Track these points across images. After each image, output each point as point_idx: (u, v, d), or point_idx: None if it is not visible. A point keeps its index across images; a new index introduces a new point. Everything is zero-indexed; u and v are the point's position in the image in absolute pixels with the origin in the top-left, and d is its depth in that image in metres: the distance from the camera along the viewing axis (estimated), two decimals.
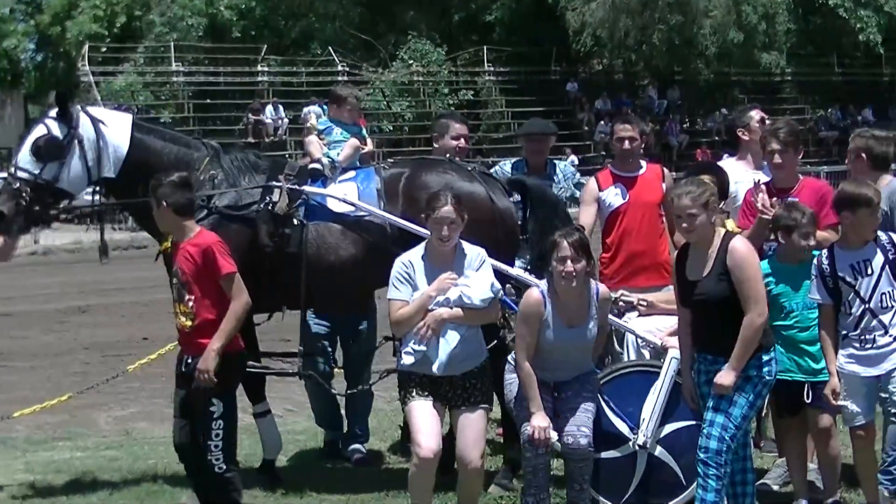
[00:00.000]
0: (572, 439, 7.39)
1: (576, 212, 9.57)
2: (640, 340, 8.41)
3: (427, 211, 7.51)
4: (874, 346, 7.46)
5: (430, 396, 7.39)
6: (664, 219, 9.40)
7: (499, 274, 7.84)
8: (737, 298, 7.02)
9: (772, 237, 8.07)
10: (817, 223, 7.90)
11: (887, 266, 7.51)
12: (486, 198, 8.43)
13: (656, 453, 7.81)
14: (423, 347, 7.37)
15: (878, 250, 7.54)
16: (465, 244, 7.55)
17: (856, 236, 7.57)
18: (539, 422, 7.32)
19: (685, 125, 51.61)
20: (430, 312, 7.36)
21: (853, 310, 7.50)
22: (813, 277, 7.61)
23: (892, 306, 7.48)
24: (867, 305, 7.45)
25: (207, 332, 7.26)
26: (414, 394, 7.40)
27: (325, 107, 9.32)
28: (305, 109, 36.37)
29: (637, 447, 7.80)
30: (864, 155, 8.33)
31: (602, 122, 46.81)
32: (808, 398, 7.77)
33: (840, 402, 7.52)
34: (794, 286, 7.79)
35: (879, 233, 7.61)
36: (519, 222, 8.66)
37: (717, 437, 7.06)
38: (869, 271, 7.50)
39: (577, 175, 10.32)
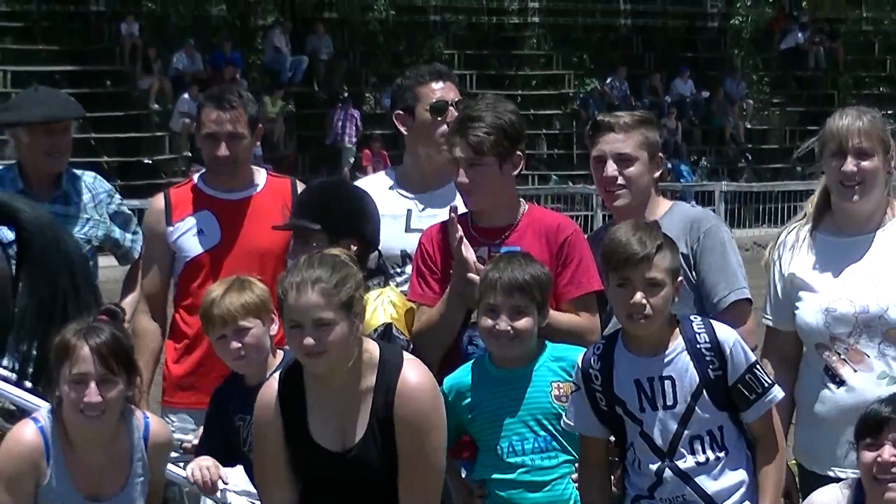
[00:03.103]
0: None
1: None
2: None
3: None
4: None
5: None
6: None
7: None
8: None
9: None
10: (549, 289, 6.00)
11: (705, 391, 5.55)
12: None
13: None
14: None
15: (689, 356, 5.56)
16: None
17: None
18: None
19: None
20: None
21: (641, 462, 5.64)
22: (572, 389, 5.80)
23: (717, 459, 5.59)
24: (666, 461, 5.59)
25: None
26: None
27: None
28: None
29: None
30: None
31: (187, 96, 33.19)
32: None
33: None
34: (515, 409, 5.98)
35: (693, 318, 5.70)
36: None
37: None
38: (667, 399, 5.57)
39: (118, 198, 7.93)
